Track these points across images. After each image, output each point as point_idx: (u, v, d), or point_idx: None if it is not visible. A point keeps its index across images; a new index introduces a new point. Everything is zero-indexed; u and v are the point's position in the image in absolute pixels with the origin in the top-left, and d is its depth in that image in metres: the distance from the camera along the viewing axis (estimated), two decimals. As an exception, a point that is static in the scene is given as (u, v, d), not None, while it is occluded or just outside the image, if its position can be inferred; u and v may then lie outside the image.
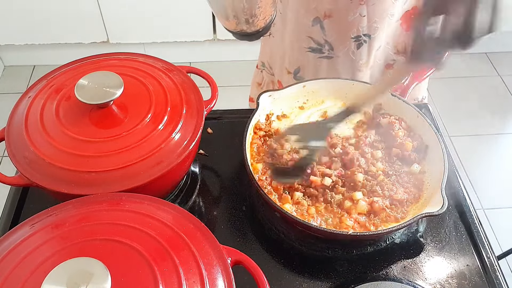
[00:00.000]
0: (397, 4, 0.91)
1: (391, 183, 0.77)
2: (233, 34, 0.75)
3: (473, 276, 0.72)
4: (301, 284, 0.71)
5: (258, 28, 0.73)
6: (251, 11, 0.69)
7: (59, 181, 0.65)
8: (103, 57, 0.82)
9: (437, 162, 0.78)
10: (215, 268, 0.54)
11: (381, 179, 0.76)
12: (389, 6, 0.91)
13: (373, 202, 0.73)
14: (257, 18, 0.70)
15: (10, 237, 0.57)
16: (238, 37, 0.75)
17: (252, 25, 0.71)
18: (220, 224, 0.79)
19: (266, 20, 0.72)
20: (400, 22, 0.97)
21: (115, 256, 0.53)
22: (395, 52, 1.02)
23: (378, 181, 0.76)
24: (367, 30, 0.94)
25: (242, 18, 0.69)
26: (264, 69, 1.18)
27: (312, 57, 1.01)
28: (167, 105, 0.73)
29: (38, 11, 2.24)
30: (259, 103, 0.85)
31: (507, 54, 2.61)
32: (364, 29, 0.94)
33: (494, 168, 2.14)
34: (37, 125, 0.70)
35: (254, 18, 0.70)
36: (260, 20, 0.71)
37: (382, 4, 0.90)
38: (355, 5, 0.90)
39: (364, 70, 1.01)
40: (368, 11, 0.91)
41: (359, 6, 0.90)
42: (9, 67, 2.59)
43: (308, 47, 1.00)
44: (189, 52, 2.50)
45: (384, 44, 1.00)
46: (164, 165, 0.67)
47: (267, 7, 0.70)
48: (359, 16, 0.91)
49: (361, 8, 0.90)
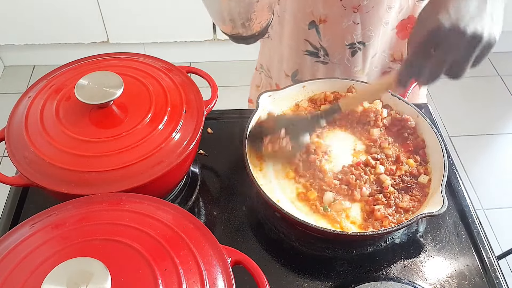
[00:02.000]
0: (391, 13, 0.91)
1: (397, 192, 0.76)
2: (230, 37, 0.75)
3: (473, 276, 0.72)
4: (301, 284, 0.71)
5: (254, 32, 0.73)
6: (247, 15, 0.69)
7: (59, 181, 0.65)
8: (103, 57, 0.82)
9: (437, 162, 0.78)
10: (215, 268, 0.54)
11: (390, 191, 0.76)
12: (383, 15, 0.91)
13: (374, 210, 0.73)
14: (253, 22, 0.71)
15: (10, 237, 0.57)
16: (235, 41, 0.75)
17: (248, 29, 0.71)
18: (220, 224, 0.79)
19: (262, 24, 0.73)
20: (396, 30, 0.97)
21: (115, 256, 0.53)
22: (391, 60, 1.02)
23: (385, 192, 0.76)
24: (361, 38, 0.94)
25: (238, 22, 0.70)
26: (263, 72, 1.18)
27: (309, 60, 1.01)
28: (167, 105, 0.73)
29: (38, 11, 2.23)
30: (259, 103, 0.85)
31: (507, 54, 2.61)
32: (358, 36, 0.94)
33: (494, 168, 2.14)
34: (37, 125, 0.70)
35: (250, 22, 0.70)
36: (256, 24, 0.71)
37: (376, 12, 0.90)
38: (349, 12, 0.90)
39: (360, 77, 1.01)
40: (361, 18, 0.91)
41: (352, 13, 0.90)
42: (9, 67, 2.59)
43: (305, 50, 1.00)
44: (189, 52, 2.50)
45: (380, 51, 1.00)
46: (164, 165, 0.67)
47: (263, 11, 0.70)
48: (353, 23, 0.91)
49: (355, 16, 0.90)
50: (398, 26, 0.96)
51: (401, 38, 0.98)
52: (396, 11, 0.92)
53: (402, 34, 0.97)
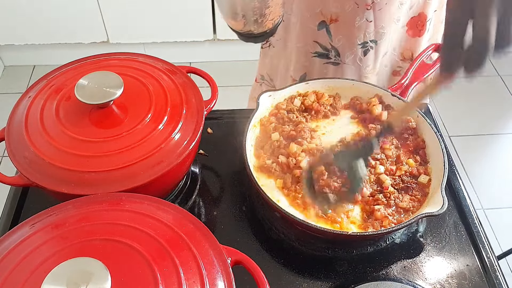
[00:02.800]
0: (403, 9, 0.91)
1: (397, 192, 0.76)
2: (239, 35, 0.72)
3: (473, 276, 0.72)
4: (301, 284, 0.71)
5: (266, 29, 0.70)
6: (261, 11, 0.66)
7: (59, 181, 0.65)
8: (103, 57, 0.82)
9: (437, 162, 0.78)
10: (215, 268, 0.54)
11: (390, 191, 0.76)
12: (396, 11, 0.90)
13: (374, 210, 0.73)
14: (266, 18, 0.68)
15: (10, 237, 0.57)
16: (244, 39, 0.73)
17: (261, 25, 0.69)
18: (220, 224, 0.79)
19: (274, 21, 0.70)
20: (406, 28, 0.96)
21: (115, 256, 0.53)
22: (401, 59, 1.01)
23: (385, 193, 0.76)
24: (374, 36, 0.93)
25: (251, 18, 0.67)
26: (264, 82, 1.16)
27: (318, 62, 1.00)
28: (167, 105, 0.73)
29: (38, 11, 2.24)
30: (259, 103, 0.85)
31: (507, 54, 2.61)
32: (371, 34, 0.93)
33: (494, 168, 2.14)
34: (37, 125, 0.70)
35: (263, 18, 0.68)
36: (268, 21, 0.69)
37: (389, 9, 0.89)
38: (362, 9, 0.88)
39: (370, 77, 1.00)
40: (374, 16, 0.89)
41: (365, 10, 0.88)
42: (9, 67, 2.59)
43: (314, 51, 0.98)
44: (189, 52, 2.50)
45: (391, 50, 0.99)
46: (164, 165, 0.67)
47: (277, 7, 0.69)
48: (365, 21, 0.90)
49: (368, 13, 0.89)
50: (409, 24, 0.95)
51: (411, 35, 0.97)
52: (407, 7, 0.91)
53: (412, 32, 0.97)
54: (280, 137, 0.82)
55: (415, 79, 0.90)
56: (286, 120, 0.85)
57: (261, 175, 0.79)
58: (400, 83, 0.90)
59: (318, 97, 0.89)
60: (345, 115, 0.89)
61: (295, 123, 0.84)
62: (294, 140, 0.82)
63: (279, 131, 0.83)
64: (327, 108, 0.88)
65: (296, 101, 0.88)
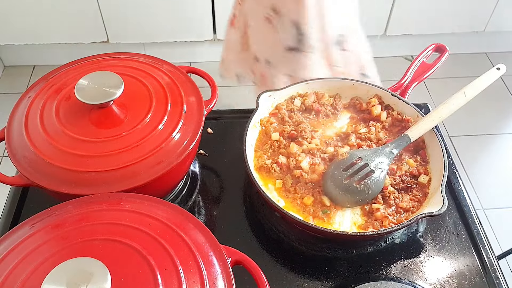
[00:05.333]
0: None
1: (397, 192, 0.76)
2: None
3: (473, 276, 0.72)
4: (301, 284, 0.71)
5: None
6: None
7: (59, 181, 0.65)
8: (103, 57, 0.82)
9: (437, 162, 0.78)
10: (215, 268, 0.54)
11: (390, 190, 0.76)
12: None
13: (374, 210, 0.73)
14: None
15: (10, 237, 0.57)
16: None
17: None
18: (220, 224, 0.79)
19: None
20: None
21: (115, 256, 0.53)
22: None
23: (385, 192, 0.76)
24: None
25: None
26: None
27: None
28: (167, 105, 0.73)
29: (38, 11, 2.23)
30: (259, 103, 0.85)
31: (507, 54, 2.61)
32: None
33: (494, 168, 2.14)
34: (37, 125, 0.70)
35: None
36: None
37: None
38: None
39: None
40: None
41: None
42: (9, 67, 2.58)
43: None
44: (189, 52, 2.49)
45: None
46: (164, 165, 0.67)
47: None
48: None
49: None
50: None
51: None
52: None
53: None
54: (280, 137, 0.83)
55: (415, 79, 0.90)
56: (287, 120, 0.85)
57: (261, 175, 0.79)
58: (400, 83, 0.90)
59: (318, 97, 0.89)
60: (345, 115, 0.89)
61: (296, 123, 0.84)
62: (294, 140, 0.82)
63: (279, 131, 0.83)
64: (327, 108, 0.88)
65: (296, 101, 0.88)
